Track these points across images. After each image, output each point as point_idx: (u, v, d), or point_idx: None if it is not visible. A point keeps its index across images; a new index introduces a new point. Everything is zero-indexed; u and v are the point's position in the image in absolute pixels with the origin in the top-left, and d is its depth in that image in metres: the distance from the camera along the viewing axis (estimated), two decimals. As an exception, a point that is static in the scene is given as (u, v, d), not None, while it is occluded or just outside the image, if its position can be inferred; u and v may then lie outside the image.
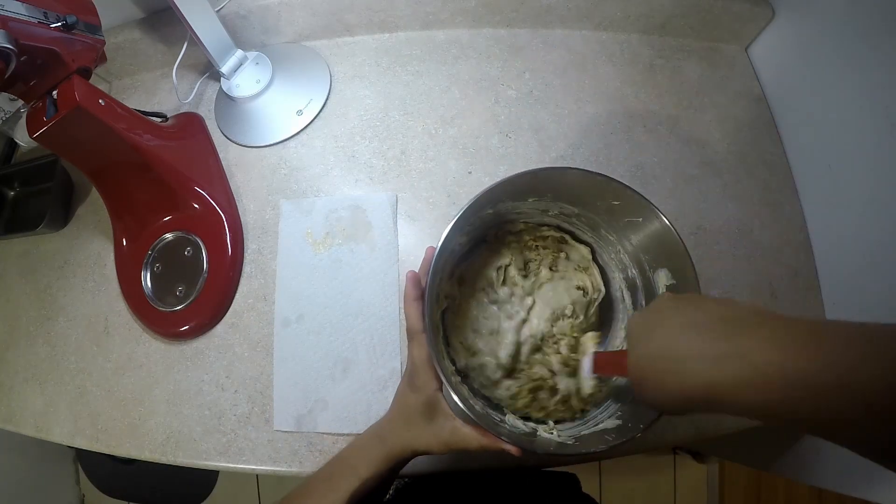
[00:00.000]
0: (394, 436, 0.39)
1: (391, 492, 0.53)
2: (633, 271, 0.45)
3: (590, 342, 0.44)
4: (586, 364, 0.42)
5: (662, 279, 0.41)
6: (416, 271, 0.40)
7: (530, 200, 0.45)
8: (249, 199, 0.65)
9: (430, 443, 0.37)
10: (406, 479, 0.55)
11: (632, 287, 0.46)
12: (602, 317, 0.49)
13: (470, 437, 0.36)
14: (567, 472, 0.59)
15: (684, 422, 0.52)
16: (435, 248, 0.38)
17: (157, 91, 0.75)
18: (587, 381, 0.42)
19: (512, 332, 0.46)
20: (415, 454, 0.38)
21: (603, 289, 0.48)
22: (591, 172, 0.40)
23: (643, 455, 1.35)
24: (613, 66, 0.67)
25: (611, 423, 0.40)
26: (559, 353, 0.45)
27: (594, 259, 0.49)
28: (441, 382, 0.37)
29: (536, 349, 0.46)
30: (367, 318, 0.56)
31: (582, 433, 0.41)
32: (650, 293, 0.43)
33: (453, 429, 0.36)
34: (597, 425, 0.41)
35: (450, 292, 0.47)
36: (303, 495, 0.39)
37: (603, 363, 0.40)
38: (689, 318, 0.30)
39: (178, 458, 0.55)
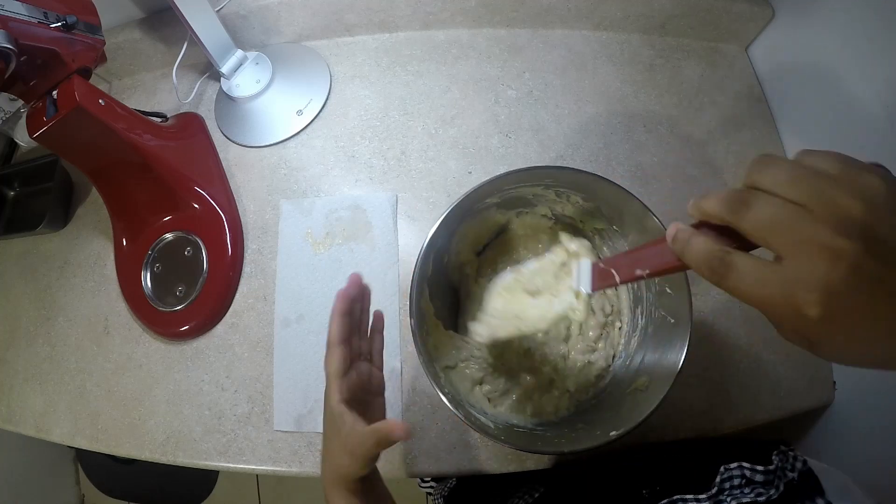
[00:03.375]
0: (324, 460, 0.37)
1: (450, 485, 0.52)
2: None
3: (575, 245, 0.34)
4: (583, 272, 0.30)
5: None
6: (346, 292, 0.38)
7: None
8: (249, 199, 0.65)
9: (342, 457, 0.34)
10: (454, 480, 0.54)
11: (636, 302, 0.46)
12: None
13: (364, 434, 0.33)
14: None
15: (684, 422, 0.52)
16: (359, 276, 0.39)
17: (157, 91, 0.75)
18: (579, 303, 0.32)
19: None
20: (345, 478, 0.35)
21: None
22: (625, 190, 0.41)
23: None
24: (613, 66, 0.67)
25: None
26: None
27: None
28: (342, 396, 0.35)
29: None
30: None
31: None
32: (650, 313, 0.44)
33: (348, 433, 0.33)
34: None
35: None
36: None
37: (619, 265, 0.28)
38: None
39: (178, 458, 0.55)
